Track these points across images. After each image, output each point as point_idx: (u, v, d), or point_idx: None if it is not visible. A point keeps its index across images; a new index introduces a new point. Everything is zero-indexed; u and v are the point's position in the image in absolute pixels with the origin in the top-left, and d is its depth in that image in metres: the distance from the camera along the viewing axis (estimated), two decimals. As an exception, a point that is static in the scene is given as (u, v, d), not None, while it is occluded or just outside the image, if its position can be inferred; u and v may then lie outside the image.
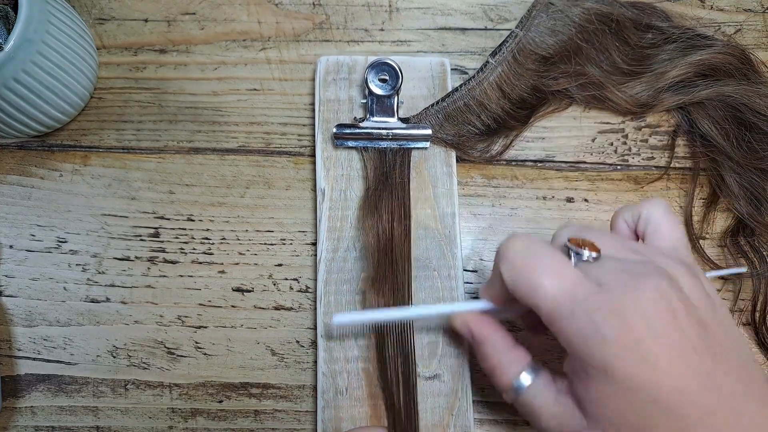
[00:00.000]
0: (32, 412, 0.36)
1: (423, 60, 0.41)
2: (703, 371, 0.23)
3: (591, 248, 0.26)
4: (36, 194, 0.39)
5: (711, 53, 0.40)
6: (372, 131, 0.38)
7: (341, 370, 0.35)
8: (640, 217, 0.30)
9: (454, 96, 0.39)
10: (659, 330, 0.23)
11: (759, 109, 0.39)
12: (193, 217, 0.39)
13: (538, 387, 0.28)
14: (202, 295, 0.38)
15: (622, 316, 0.24)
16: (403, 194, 0.37)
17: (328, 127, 0.39)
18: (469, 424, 0.34)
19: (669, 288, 0.24)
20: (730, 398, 0.23)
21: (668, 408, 0.23)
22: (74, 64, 0.37)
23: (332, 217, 0.37)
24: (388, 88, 0.38)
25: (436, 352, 0.35)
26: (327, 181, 0.38)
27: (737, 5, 0.45)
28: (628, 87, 0.40)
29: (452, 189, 0.38)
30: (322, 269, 0.36)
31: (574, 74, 0.40)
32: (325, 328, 0.35)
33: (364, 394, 0.34)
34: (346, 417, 0.34)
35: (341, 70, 0.40)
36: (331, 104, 0.40)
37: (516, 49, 0.39)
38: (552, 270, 0.26)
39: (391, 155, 0.38)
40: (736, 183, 0.39)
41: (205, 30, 0.43)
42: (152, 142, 0.40)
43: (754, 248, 0.38)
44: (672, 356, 0.23)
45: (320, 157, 0.39)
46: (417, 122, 0.39)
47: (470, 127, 0.39)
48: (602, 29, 0.40)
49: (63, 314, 0.37)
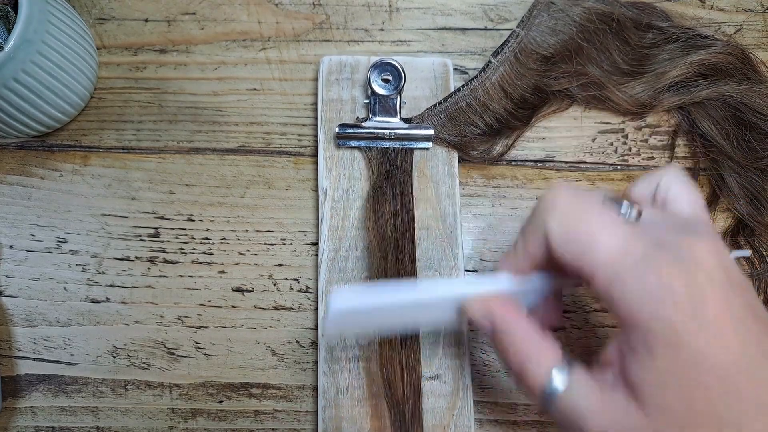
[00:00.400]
0: (32, 412, 0.36)
1: (425, 60, 0.41)
2: (760, 339, 0.21)
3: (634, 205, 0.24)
4: (36, 194, 0.39)
5: (711, 53, 0.40)
6: (374, 131, 0.38)
7: (342, 369, 0.35)
8: (659, 186, 0.27)
9: (457, 96, 0.39)
10: (721, 293, 0.21)
11: (759, 108, 0.39)
12: (193, 217, 0.39)
13: (579, 386, 0.23)
14: (202, 295, 0.38)
15: (689, 274, 0.21)
16: (406, 194, 0.37)
17: (330, 127, 0.39)
18: (469, 424, 0.34)
19: (721, 247, 0.22)
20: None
21: (737, 388, 0.21)
22: (74, 64, 0.37)
23: (334, 216, 0.37)
24: (390, 88, 0.38)
25: (437, 351, 0.35)
26: (329, 181, 0.38)
27: (737, 5, 0.45)
28: (629, 87, 0.40)
29: (454, 189, 0.38)
30: (324, 269, 0.36)
31: (575, 74, 0.40)
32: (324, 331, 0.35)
33: (365, 394, 0.34)
34: (346, 416, 0.34)
35: (344, 70, 0.40)
36: (333, 104, 0.40)
37: (518, 49, 0.39)
38: (607, 224, 0.23)
39: (393, 155, 0.38)
40: (736, 183, 0.39)
41: (205, 30, 0.43)
42: (152, 142, 0.40)
43: (754, 248, 0.38)
44: (738, 327, 0.21)
45: (322, 156, 0.39)
46: (419, 122, 0.39)
47: (472, 127, 0.39)
48: (603, 29, 0.40)
49: (63, 314, 0.37)
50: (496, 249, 0.39)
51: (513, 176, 0.40)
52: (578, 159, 0.41)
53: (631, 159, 0.41)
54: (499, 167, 0.41)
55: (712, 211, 0.40)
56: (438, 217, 0.38)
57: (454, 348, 0.35)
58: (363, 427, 0.34)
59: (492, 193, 0.40)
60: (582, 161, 0.41)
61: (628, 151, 0.41)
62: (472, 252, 0.39)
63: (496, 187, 0.40)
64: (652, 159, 0.41)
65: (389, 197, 0.37)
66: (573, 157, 0.41)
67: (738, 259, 0.38)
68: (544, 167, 0.41)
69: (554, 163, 0.41)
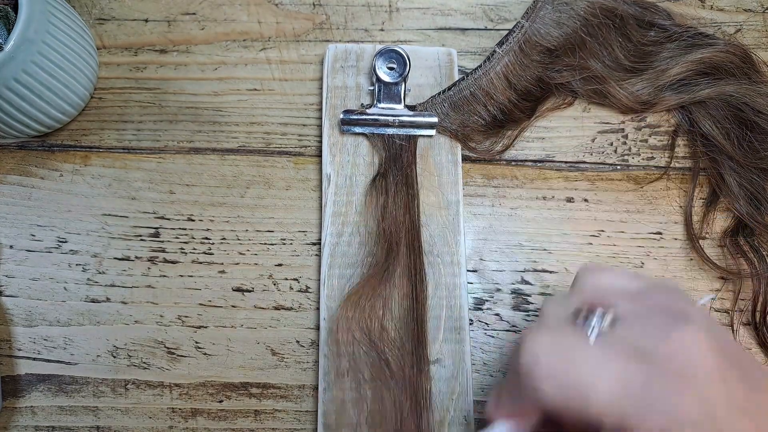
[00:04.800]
0: (32, 412, 0.36)
1: (430, 50, 0.41)
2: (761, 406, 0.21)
3: (604, 310, 0.24)
4: (36, 194, 0.39)
5: (712, 52, 0.40)
6: (378, 118, 0.38)
7: (343, 352, 0.35)
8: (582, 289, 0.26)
9: (461, 85, 0.39)
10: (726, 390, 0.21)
11: (760, 108, 0.39)
12: (194, 217, 0.39)
13: None
14: (203, 295, 0.38)
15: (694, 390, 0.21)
16: (411, 180, 0.38)
17: (335, 114, 0.39)
18: (469, 408, 0.34)
19: (704, 320, 0.22)
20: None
21: None
22: (74, 64, 0.37)
23: (337, 202, 0.38)
24: (395, 76, 0.38)
25: (438, 336, 0.35)
26: (333, 167, 0.38)
27: (737, 5, 0.45)
28: (630, 84, 0.40)
29: (457, 177, 0.39)
30: (326, 253, 0.37)
31: (577, 68, 0.40)
32: (328, 312, 0.36)
33: (365, 377, 0.34)
34: (347, 399, 0.34)
35: (349, 57, 0.41)
36: (338, 91, 0.40)
37: (522, 40, 0.40)
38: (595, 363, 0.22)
39: (397, 142, 0.39)
40: (736, 183, 0.39)
41: (206, 30, 0.43)
42: (152, 142, 0.40)
43: (753, 248, 0.38)
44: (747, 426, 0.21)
45: (326, 143, 0.39)
46: (423, 110, 0.39)
47: (476, 117, 0.39)
48: (606, 23, 0.40)
49: (63, 314, 0.37)
50: (496, 249, 0.39)
51: (513, 176, 0.40)
52: (578, 159, 0.41)
53: (630, 159, 0.41)
54: (499, 167, 0.41)
55: (711, 211, 0.40)
56: (441, 205, 0.38)
57: (455, 333, 0.36)
58: (362, 409, 0.34)
59: (492, 193, 0.40)
60: (582, 161, 0.41)
61: (628, 151, 0.41)
62: (472, 252, 0.39)
63: (496, 187, 0.40)
64: (652, 159, 0.41)
65: (393, 183, 0.37)
66: (573, 157, 0.41)
67: (738, 256, 0.38)
68: (543, 167, 0.41)
69: (554, 163, 0.41)
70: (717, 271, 0.38)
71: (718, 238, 0.39)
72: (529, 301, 0.38)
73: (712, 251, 0.39)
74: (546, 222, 0.40)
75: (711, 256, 0.39)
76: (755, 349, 0.37)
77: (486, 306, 0.38)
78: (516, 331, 0.37)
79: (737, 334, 0.37)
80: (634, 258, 0.39)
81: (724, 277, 0.39)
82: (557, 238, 0.39)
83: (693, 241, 0.39)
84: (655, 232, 0.39)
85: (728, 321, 0.38)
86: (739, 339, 0.37)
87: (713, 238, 0.40)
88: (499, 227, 0.39)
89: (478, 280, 0.38)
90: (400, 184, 0.37)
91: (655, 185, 0.40)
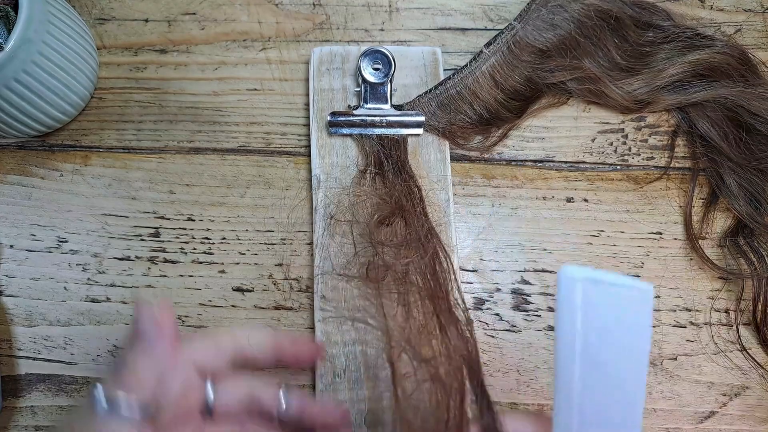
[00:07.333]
0: (32, 411, 0.36)
1: (415, 49, 0.42)
2: None
3: None
4: (36, 194, 0.39)
5: (710, 53, 0.40)
6: (366, 118, 0.38)
7: (339, 353, 0.35)
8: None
9: (447, 84, 0.39)
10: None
11: (756, 111, 0.39)
12: (194, 217, 0.39)
13: None
14: (203, 295, 0.38)
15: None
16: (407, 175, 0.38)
17: (322, 116, 0.40)
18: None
19: None
20: None
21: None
22: (75, 64, 0.37)
23: (328, 203, 0.38)
24: (381, 76, 0.39)
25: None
26: (322, 169, 0.39)
27: (737, 5, 0.45)
28: (626, 83, 0.40)
29: (446, 174, 0.39)
30: (318, 255, 0.37)
31: (570, 67, 0.40)
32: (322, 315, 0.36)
33: (361, 377, 0.34)
34: (344, 400, 0.34)
35: (335, 60, 0.41)
36: (325, 93, 0.40)
37: (512, 41, 0.40)
38: None
39: (386, 141, 0.39)
40: (736, 183, 0.39)
41: (206, 30, 0.43)
42: (152, 142, 0.41)
43: (753, 248, 0.38)
44: None
45: (315, 145, 0.39)
46: (410, 109, 0.39)
47: (462, 115, 0.40)
48: (601, 25, 0.40)
49: (63, 314, 0.37)
50: (495, 249, 0.39)
51: (513, 176, 0.40)
52: (578, 159, 0.41)
53: (630, 159, 0.41)
54: (499, 167, 0.41)
55: (711, 211, 0.40)
56: (431, 202, 0.38)
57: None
58: (361, 410, 0.34)
59: (492, 193, 0.40)
60: (582, 161, 0.41)
61: (628, 151, 0.41)
62: (471, 252, 0.39)
63: (496, 187, 0.40)
64: (652, 159, 0.41)
65: (390, 173, 0.37)
66: (573, 157, 0.41)
67: (738, 257, 0.38)
68: (543, 167, 0.41)
69: (554, 163, 0.41)
70: (717, 272, 0.38)
71: (718, 239, 0.39)
72: (529, 301, 0.38)
73: (712, 251, 0.39)
74: (546, 222, 0.40)
75: (711, 256, 0.39)
76: (756, 349, 0.37)
77: (486, 306, 0.38)
78: (516, 331, 0.37)
79: (738, 334, 0.38)
80: (634, 258, 0.39)
81: (724, 277, 0.39)
82: (557, 238, 0.39)
83: (693, 241, 0.39)
84: (655, 232, 0.40)
85: (728, 321, 0.38)
86: (740, 339, 0.37)
87: (713, 238, 0.40)
88: (498, 227, 0.39)
89: (478, 280, 0.38)
90: (396, 180, 0.37)
91: (655, 185, 0.40)
